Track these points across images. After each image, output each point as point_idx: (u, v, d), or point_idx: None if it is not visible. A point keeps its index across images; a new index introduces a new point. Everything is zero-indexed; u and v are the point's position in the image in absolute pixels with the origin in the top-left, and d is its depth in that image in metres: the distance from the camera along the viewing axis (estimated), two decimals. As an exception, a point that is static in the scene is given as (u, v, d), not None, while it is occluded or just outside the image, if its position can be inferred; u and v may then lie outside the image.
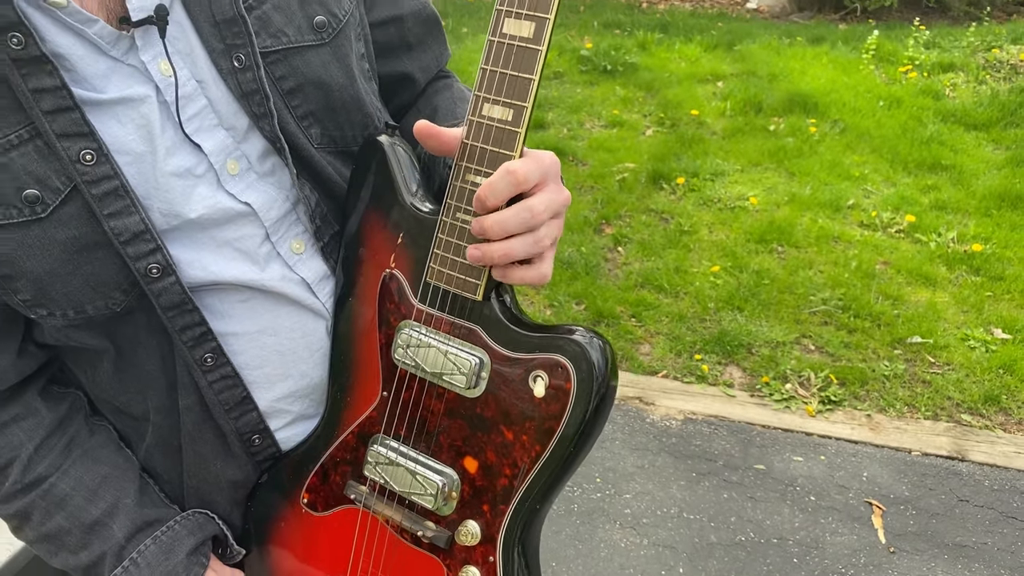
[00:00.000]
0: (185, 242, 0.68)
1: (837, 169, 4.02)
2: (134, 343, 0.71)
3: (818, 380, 2.61)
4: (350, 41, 0.73)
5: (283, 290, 0.72)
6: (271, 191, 0.71)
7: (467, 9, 7.07)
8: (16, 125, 0.61)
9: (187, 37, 0.65)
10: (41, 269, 0.64)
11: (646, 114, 4.80)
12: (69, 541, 0.74)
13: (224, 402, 0.73)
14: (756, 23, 6.62)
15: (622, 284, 3.15)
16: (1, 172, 0.61)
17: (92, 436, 0.76)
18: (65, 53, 0.61)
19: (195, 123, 0.66)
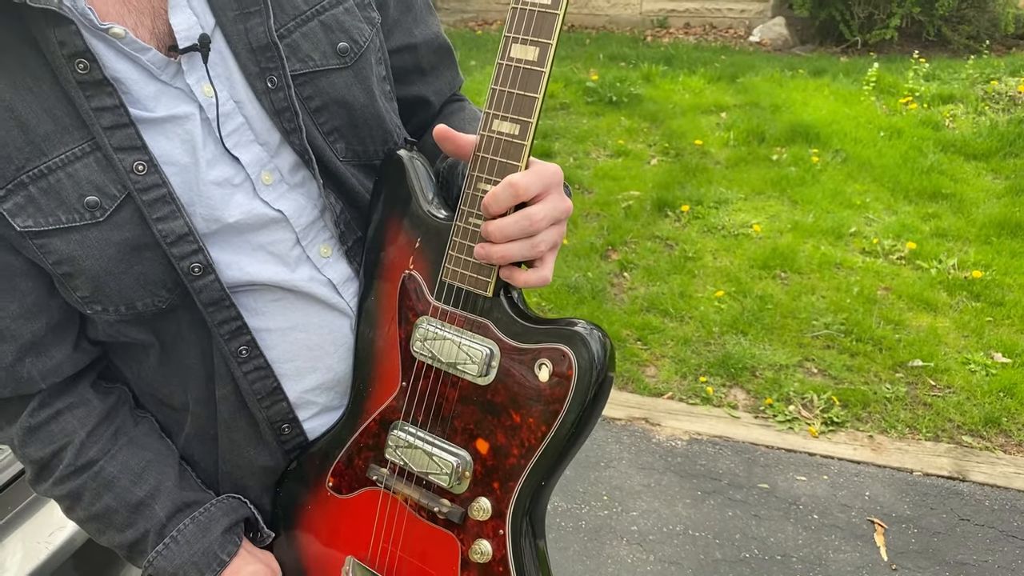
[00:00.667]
0: (224, 246, 0.75)
1: (839, 198, 4.10)
2: (176, 339, 0.78)
3: (821, 402, 2.66)
4: (371, 65, 0.80)
5: (311, 290, 0.79)
6: (301, 200, 0.78)
7: (475, 43, 7.23)
8: (80, 140, 0.68)
9: (226, 63, 0.73)
10: (98, 268, 0.71)
11: (651, 144, 4.90)
12: (116, 520, 0.80)
13: (257, 392, 0.79)
14: (759, 56, 6.75)
15: (628, 308, 3.21)
16: (66, 181, 0.69)
17: (136, 426, 0.83)
18: (122, 77, 0.69)
19: (234, 138, 0.74)
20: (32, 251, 0.70)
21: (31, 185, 0.68)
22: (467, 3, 8.42)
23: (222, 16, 0.71)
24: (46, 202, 0.69)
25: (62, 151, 0.68)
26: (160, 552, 0.79)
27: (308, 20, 0.75)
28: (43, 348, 0.76)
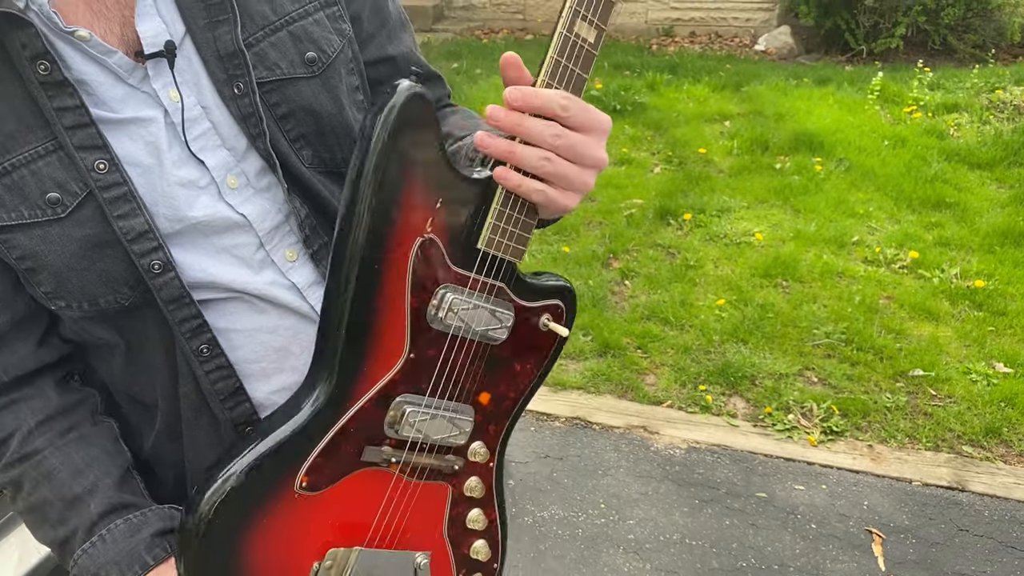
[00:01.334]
0: (188, 246, 0.76)
1: (842, 206, 4.10)
2: (141, 337, 0.79)
3: (820, 411, 2.66)
4: (340, 75, 0.82)
5: (274, 294, 0.80)
6: (266, 204, 0.79)
7: (481, 51, 7.26)
8: (43, 139, 0.70)
9: (195, 69, 0.75)
10: (60, 263, 0.72)
11: (654, 152, 4.91)
12: (51, 514, 0.80)
13: (219, 392, 0.80)
14: (763, 65, 6.76)
15: (628, 316, 3.21)
16: (29, 177, 0.70)
17: (93, 426, 0.83)
18: (88, 80, 0.71)
19: (200, 142, 0.75)
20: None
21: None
22: (473, 12, 8.46)
23: (192, 24, 0.73)
24: (9, 198, 0.71)
25: (25, 149, 0.70)
26: (86, 550, 0.78)
27: (277, 30, 0.77)
28: (7, 342, 0.77)
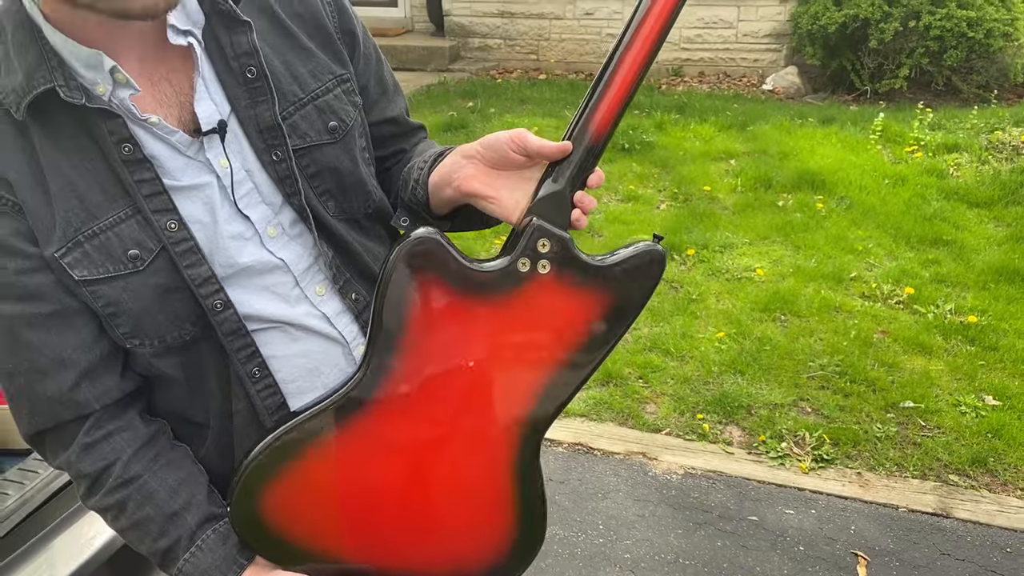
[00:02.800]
0: (238, 287, 0.91)
1: (842, 243, 4.23)
2: (198, 366, 0.94)
3: (812, 440, 2.77)
4: (355, 138, 0.98)
5: (309, 323, 0.95)
6: (299, 249, 0.94)
7: (495, 90, 7.49)
8: (124, 207, 0.85)
9: (240, 140, 0.90)
10: (137, 308, 0.87)
11: (661, 189, 5.07)
12: (153, 528, 0.94)
13: (268, 407, 0.95)
14: (770, 104, 6.94)
15: (631, 348, 3.35)
16: (114, 239, 0.85)
17: (173, 450, 0.97)
18: (157, 155, 0.86)
19: (245, 200, 0.91)
20: (85, 296, 0.86)
21: (86, 243, 0.84)
22: (488, 53, 8.73)
23: (236, 104, 0.89)
24: (97, 256, 0.85)
25: (110, 215, 0.85)
26: (187, 559, 0.93)
27: (305, 105, 0.93)
28: (96, 375, 0.91)
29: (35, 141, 0.82)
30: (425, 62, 8.60)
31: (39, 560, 1.30)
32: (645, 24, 0.85)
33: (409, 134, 1.11)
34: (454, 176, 0.94)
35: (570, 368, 0.92)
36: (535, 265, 0.87)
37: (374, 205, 1.01)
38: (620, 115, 0.89)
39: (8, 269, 0.83)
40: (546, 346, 0.91)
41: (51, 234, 0.83)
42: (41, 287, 0.85)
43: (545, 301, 0.89)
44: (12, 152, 0.82)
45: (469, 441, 0.94)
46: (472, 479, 0.96)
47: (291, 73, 0.92)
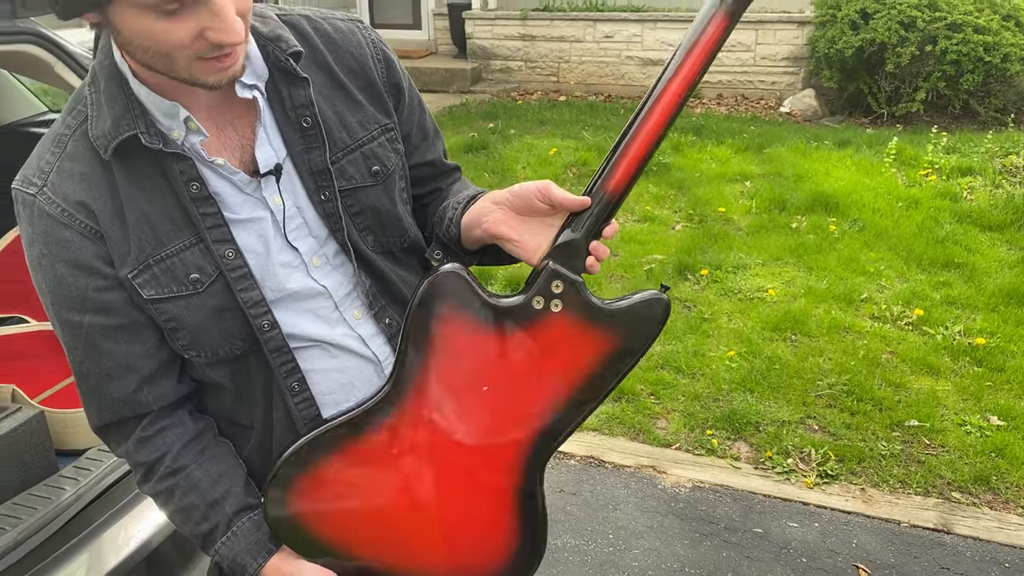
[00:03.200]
0: (284, 310, 1.03)
1: (853, 265, 4.31)
2: (246, 376, 1.06)
3: (818, 456, 2.86)
4: (395, 181, 1.10)
5: (346, 343, 1.07)
6: (339, 277, 1.06)
7: (515, 111, 7.65)
8: (189, 236, 0.98)
9: (293, 181, 1.02)
10: (195, 324, 1.00)
11: (676, 210, 5.18)
12: (196, 514, 1.06)
13: (304, 417, 1.07)
14: (787, 126, 7.03)
15: (644, 365, 3.45)
16: (179, 264, 0.98)
17: (218, 446, 1.10)
18: (219, 191, 0.99)
19: (294, 233, 1.03)
20: (151, 311, 0.99)
21: (155, 267, 0.97)
22: (510, 75, 8.90)
23: (292, 149, 1.01)
24: (164, 279, 0.97)
25: (176, 243, 0.97)
26: (224, 543, 1.05)
27: (352, 151, 1.05)
28: (156, 379, 1.03)
29: (117, 177, 0.95)
30: (447, 84, 8.79)
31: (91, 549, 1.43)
32: (662, 97, 0.95)
33: (446, 174, 1.23)
34: (484, 219, 1.05)
35: (573, 399, 1.00)
36: (548, 304, 0.97)
37: (409, 240, 1.13)
38: (636, 176, 0.97)
39: (89, 286, 0.96)
40: (553, 377, 1.00)
41: (126, 258, 0.96)
42: (115, 303, 0.97)
43: (555, 337, 0.98)
44: (99, 187, 0.95)
45: (479, 457, 1.03)
46: (479, 493, 1.05)
47: (342, 122, 1.05)
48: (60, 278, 0.96)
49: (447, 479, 1.04)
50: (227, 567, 1.06)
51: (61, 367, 2.19)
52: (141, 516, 1.49)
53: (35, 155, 0.99)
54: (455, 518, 1.05)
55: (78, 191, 0.95)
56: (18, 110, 2.70)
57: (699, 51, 0.93)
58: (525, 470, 1.02)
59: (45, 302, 1.00)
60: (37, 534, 1.41)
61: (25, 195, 0.96)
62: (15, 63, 2.18)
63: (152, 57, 0.86)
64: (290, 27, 1.03)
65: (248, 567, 1.04)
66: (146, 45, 0.84)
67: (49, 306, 1.00)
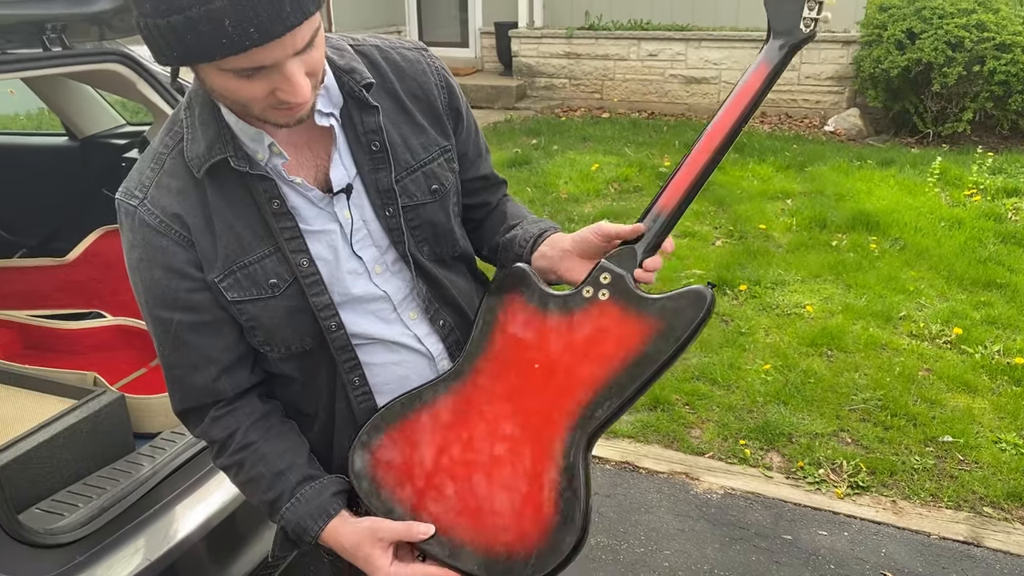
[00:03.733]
0: (349, 312, 1.16)
1: (893, 283, 4.34)
2: (313, 369, 1.19)
3: (849, 467, 2.91)
4: (450, 198, 1.22)
5: (403, 341, 1.20)
6: (398, 283, 1.19)
7: (559, 128, 7.79)
8: (268, 245, 1.10)
9: (361, 197, 1.15)
10: (271, 324, 1.12)
11: (716, 226, 5.25)
12: (263, 483, 1.18)
13: (363, 408, 1.20)
14: (830, 145, 7.05)
15: (679, 376, 3.54)
16: (260, 270, 1.10)
17: (283, 424, 1.22)
18: (297, 206, 1.12)
19: (360, 244, 1.15)
20: (233, 311, 1.12)
21: (238, 272, 1.10)
22: (554, 92, 9.06)
23: (361, 169, 1.14)
24: (246, 283, 1.10)
25: (258, 252, 1.10)
26: (289, 508, 1.17)
27: (414, 171, 1.17)
28: (233, 370, 1.16)
29: (208, 193, 1.08)
30: (493, 100, 8.98)
31: (165, 519, 1.58)
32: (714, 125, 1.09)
33: (495, 188, 1.37)
34: (558, 267, 1.18)
35: (618, 380, 1.07)
36: (596, 293, 1.10)
37: (459, 249, 1.26)
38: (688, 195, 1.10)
39: (180, 288, 1.10)
40: (599, 359, 1.08)
41: (213, 264, 1.09)
42: (202, 302, 1.11)
43: (602, 322, 1.09)
44: (191, 201, 1.09)
45: (529, 432, 1.13)
46: (527, 466, 1.14)
47: (406, 144, 1.17)
48: (156, 280, 1.08)
49: (498, 449, 1.14)
50: (291, 531, 1.17)
51: (136, 358, 2.37)
52: (209, 492, 1.64)
53: (136, 170, 1.12)
54: (503, 487, 1.14)
55: (174, 204, 1.08)
56: (101, 122, 2.92)
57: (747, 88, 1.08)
58: (570, 447, 1.10)
59: (140, 300, 1.14)
60: (118, 504, 1.57)
61: (128, 206, 1.10)
62: (101, 80, 2.38)
63: (230, 104, 0.99)
64: (363, 57, 1.16)
65: (310, 529, 1.16)
66: (226, 95, 0.97)
67: (144, 304, 1.12)
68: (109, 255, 2.52)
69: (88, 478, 1.66)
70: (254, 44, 0.87)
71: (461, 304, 1.25)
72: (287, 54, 0.91)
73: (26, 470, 1.68)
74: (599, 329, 1.09)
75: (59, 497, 1.61)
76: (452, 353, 1.23)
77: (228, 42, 0.86)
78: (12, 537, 1.37)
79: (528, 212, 1.36)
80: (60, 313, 2.57)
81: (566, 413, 1.11)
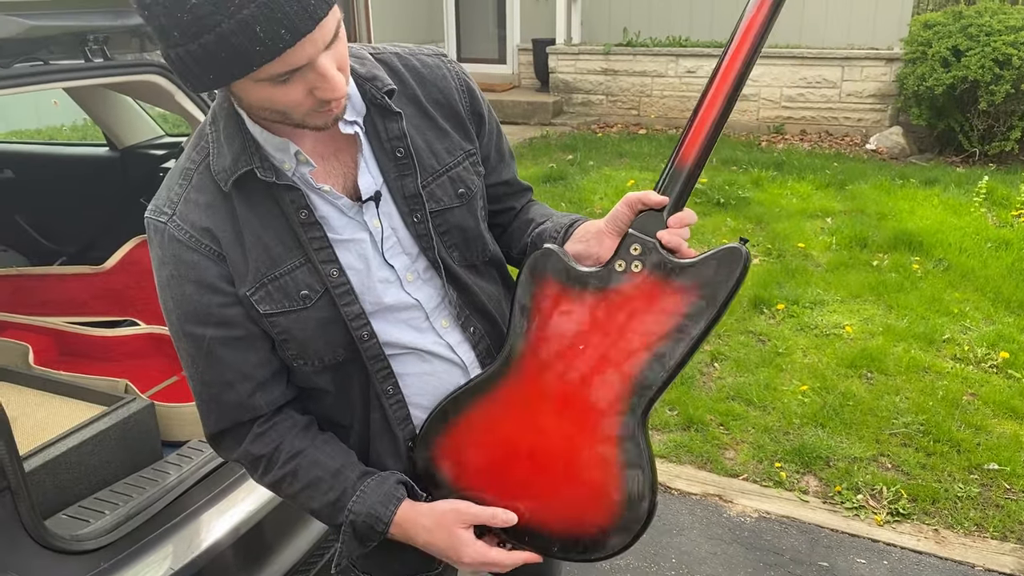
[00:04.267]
0: (381, 321, 1.15)
1: (936, 305, 4.22)
2: (346, 381, 1.17)
3: (889, 494, 2.82)
4: (477, 201, 1.21)
5: (436, 350, 1.18)
6: (430, 291, 1.17)
7: (595, 143, 7.77)
8: (298, 256, 1.09)
9: (388, 205, 1.14)
10: (303, 335, 1.11)
11: (754, 244, 5.16)
12: (323, 485, 1.15)
13: (397, 418, 1.18)
14: (872, 164, 6.92)
15: (714, 396, 3.47)
16: (290, 282, 1.09)
17: (324, 434, 1.21)
18: (326, 215, 1.10)
19: (390, 252, 1.14)
20: (265, 324, 1.10)
21: (269, 285, 1.08)
22: (591, 108, 9.05)
23: (387, 176, 1.13)
24: (277, 295, 1.09)
25: (288, 263, 1.09)
26: (355, 500, 1.14)
27: (440, 175, 1.16)
28: (268, 386, 1.15)
29: (236, 206, 1.07)
30: (529, 116, 8.99)
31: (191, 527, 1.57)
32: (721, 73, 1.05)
33: (519, 194, 1.35)
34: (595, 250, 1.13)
35: (661, 351, 1.06)
36: (629, 266, 1.08)
37: (489, 254, 1.24)
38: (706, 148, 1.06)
39: (213, 303, 1.09)
40: (641, 333, 1.06)
41: (244, 277, 1.08)
42: (235, 317, 1.09)
43: (639, 293, 1.06)
44: (220, 215, 1.08)
45: (585, 413, 1.12)
46: (589, 447, 1.13)
47: (430, 149, 1.16)
48: (187, 296, 1.07)
49: (555, 430, 1.14)
50: (361, 524, 1.13)
51: (167, 367, 2.39)
52: (236, 501, 1.63)
53: (164, 186, 1.12)
54: (569, 469, 1.14)
55: (203, 219, 1.07)
56: (140, 133, 2.97)
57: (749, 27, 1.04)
58: (624, 422, 1.09)
59: (171, 318, 1.10)
60: (144, 511, 1.57)
61: (157, 223, 1.09)
62: (140, 91, 2.41)
63: (270, 115, 0.99)
64: (384, 65, 1.15)
65: (382, 516, 1.13)
66: (266, 107, 0.97)
67: (175, 321, 1.10)
68: (144, 263, 2.55)
69: (115, 485, 1.66)
70: (287, 45, 0.87)
71: (491, 311, 1.23)
72: (318, 50, 0.91)
73: (54, 475, 1.69)
74: (636, 302, 1.07)
75: (86, 503, 1.61)
76: (483, 361, 1.22)
77: (262, 49, 0.86)
78: (38, 542, 1.38)
79: (555, 211, 1.33)
80: (95, 320, 2.61)
81: (617, 391, 1.10)
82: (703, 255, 1.05)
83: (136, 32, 2.18)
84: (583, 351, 1.10)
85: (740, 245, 1.04)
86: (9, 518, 1.34)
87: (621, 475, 1.11)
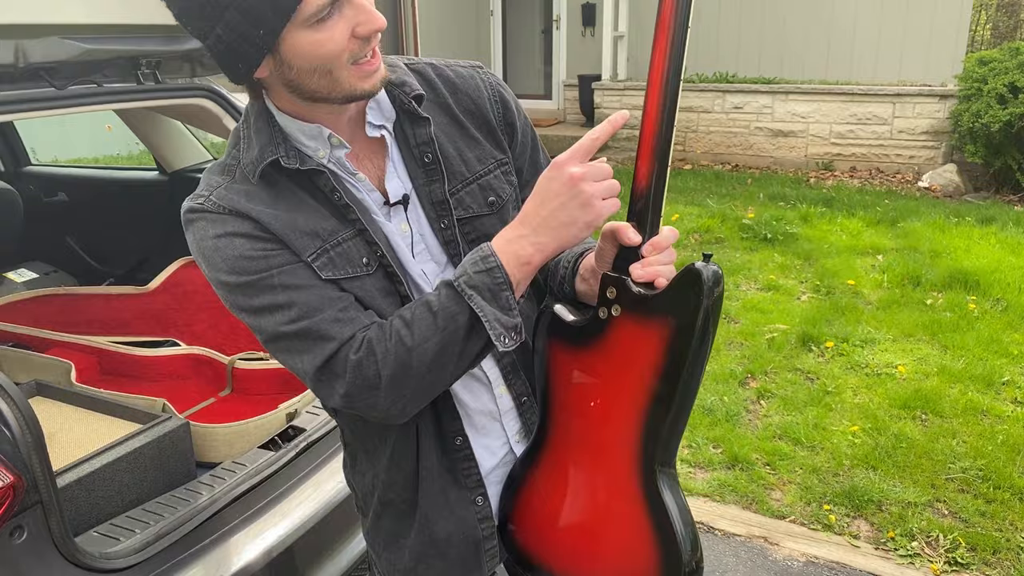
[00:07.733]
0: None
1: (994, 346, 4.05)
2: None
3: (947, 542, 2.67)
4: (509, 211, 1.17)
5: None
6: None
7: (640, 178, 7.71)
8: (349, 228, 1.06)
9: (417, 209, 1.12)
10: (366, 301, 1.07)
11: (802, 281, 5.05)
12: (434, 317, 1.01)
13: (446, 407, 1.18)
14: (924, 201, 6.75)
15: (760, 434, 3.36)
16: (352, 249, 1.06)
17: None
18: (362, 200, 1.09)
19: (419, 257, 1.12)
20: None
21: (331, 251, 1.05)
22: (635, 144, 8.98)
23: (415, 182, 1.12)
24: (340, 261, 1.06)
25: (343, 233, 1.06)
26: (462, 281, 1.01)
27: (470, 183, 1.14)
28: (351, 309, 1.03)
29: (272, 195, 1.06)
30: (575, 150, 9.00)
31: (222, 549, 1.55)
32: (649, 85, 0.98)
33: None
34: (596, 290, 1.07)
35: (659, 393, 1.01)
36: (609, 311, 1.03)
37: None
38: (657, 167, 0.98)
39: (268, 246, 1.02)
40: (635, 377, 1.02)
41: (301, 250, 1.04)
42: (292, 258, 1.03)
43: (625, 336, 1.02)
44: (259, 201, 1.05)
45: (608, 473, 1.10)
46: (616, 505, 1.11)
47: (460, 157, 1.15)
48: (240, 252, 1.01)
49: (586, 494, 1.13)
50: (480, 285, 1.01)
51: (205, 388, 2.39)
52: (268, 524, 1.60)
53: (204, 180, 1.10)
54: (600, 526, 1.13)
55: (242, 201, 1.04)
56: (188, 157, 3.02)
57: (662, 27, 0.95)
58: (644, 477, 1.06)
59: (227, 291, 1.03)
60: (175, 531, 1.54)
61: (193, 205, 1.06)
62: (189, 114, 2.46)
63: (319, 78, 0.97)
64: (416, 74, 1.15)
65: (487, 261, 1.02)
66: (313, 64, 0.96)
67: (235, 287, 1.02)
68: (186, 286, 2.57)
69: (147, 503, 1.64)
70: None
71: None
72: None
73: (88, 492, 1.68)
74: (624, 345, 1.03)
75: (118, 521, 1.60)
76: (507, 377, 1.20)
77: None
78: (66, 558, 1.36)
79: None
80: (138, 340, 2.63)
81: (630, 444, 1.06)
82: (668, 283, 0.99)
83: (188, 57, 2.22)
84: (594, 408, 1.08)
85: (699, 262, 0.96)
86: (39, 533, 1.33)
87: (656, 536, 1.06)
